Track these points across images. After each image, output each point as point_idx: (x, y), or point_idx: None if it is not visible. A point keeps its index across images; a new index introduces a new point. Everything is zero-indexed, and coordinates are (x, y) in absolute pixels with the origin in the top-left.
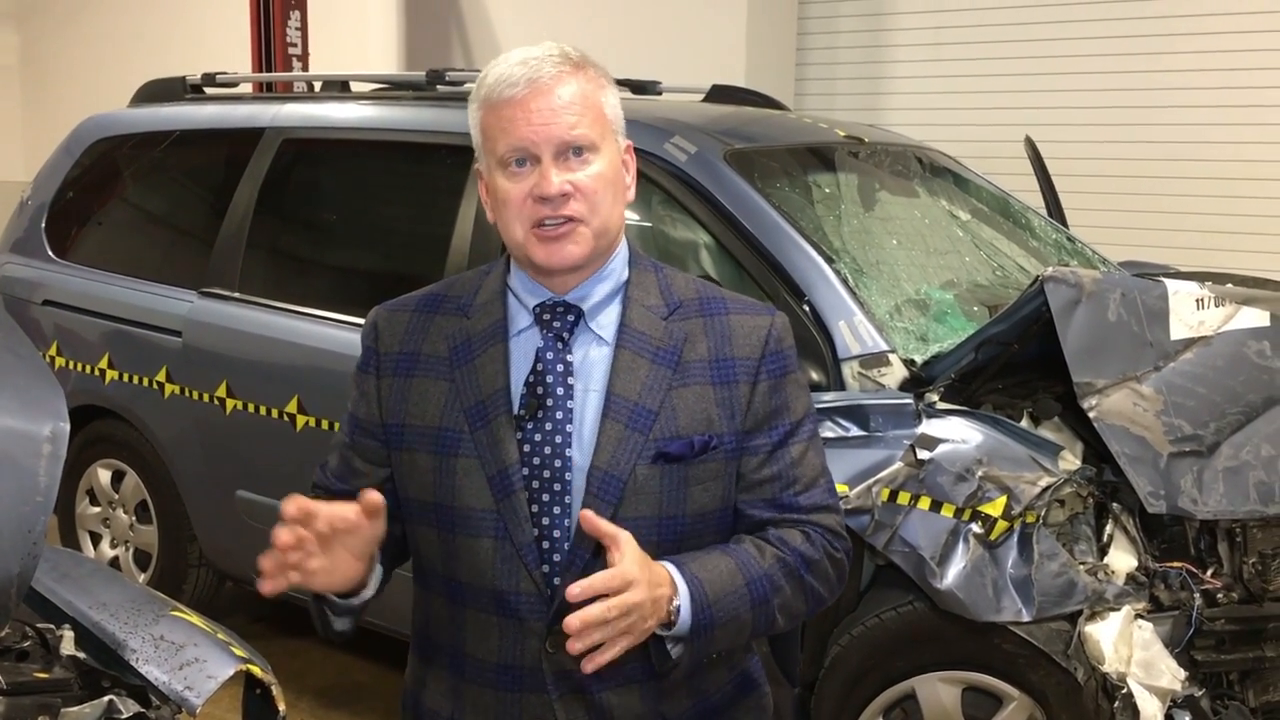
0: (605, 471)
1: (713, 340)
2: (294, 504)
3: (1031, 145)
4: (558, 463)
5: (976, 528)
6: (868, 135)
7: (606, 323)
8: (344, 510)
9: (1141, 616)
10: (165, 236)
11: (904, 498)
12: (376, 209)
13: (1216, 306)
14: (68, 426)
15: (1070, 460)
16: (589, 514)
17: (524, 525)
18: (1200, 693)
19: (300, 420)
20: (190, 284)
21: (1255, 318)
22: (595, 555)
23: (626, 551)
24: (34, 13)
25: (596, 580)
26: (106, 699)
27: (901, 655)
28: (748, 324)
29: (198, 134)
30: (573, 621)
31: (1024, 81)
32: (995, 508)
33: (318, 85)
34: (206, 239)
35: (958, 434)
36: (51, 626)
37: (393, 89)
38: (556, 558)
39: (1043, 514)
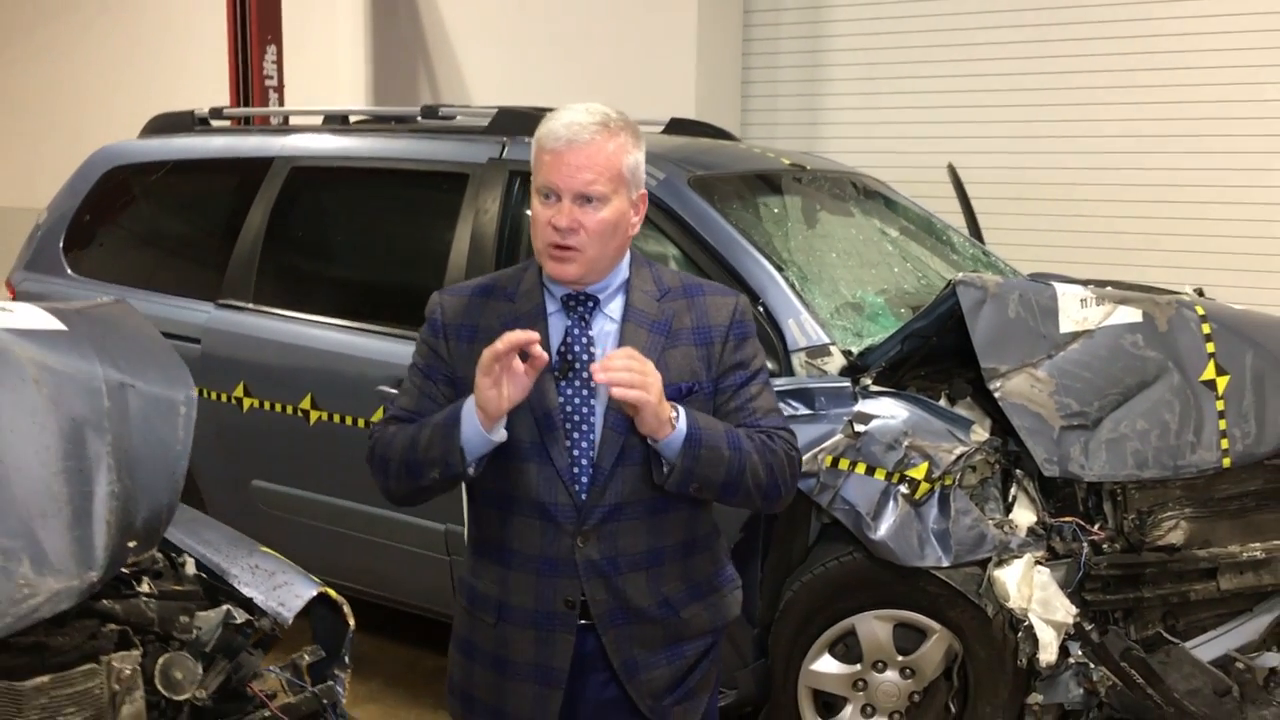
0: (617, 412)
1: (694, 315)
2: (510, 341)
3: (953, 171)
4: (584, 408)
5: (904, 489)
6: (809, 163)
7: (615, 307)
8: (519, 364)
9: (1040, 563)
10: (180, 254)
11: (844, 464)
12: (378, 229)
13: (1098, 305)
14: (195, 394)
15: (980, 433)
16: (599, 368)
17: (561, 453)
18: (1090, 627)
19: (314, 415)
20: (206, 296)
21: (1130, 314)
22: (611, 474)
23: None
24: (7, 45)
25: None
26: (224, 608)
27: (843, 598)
28: (719, 302)
29: (209, 162)
30: (606, 359)
31: (947, 113)
32: (919, 472)
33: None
34: (221, 255)
35: (888, 411)
36: (174, 554)
37: (390, 122)
38: (584, 478)
39: (958, 477)
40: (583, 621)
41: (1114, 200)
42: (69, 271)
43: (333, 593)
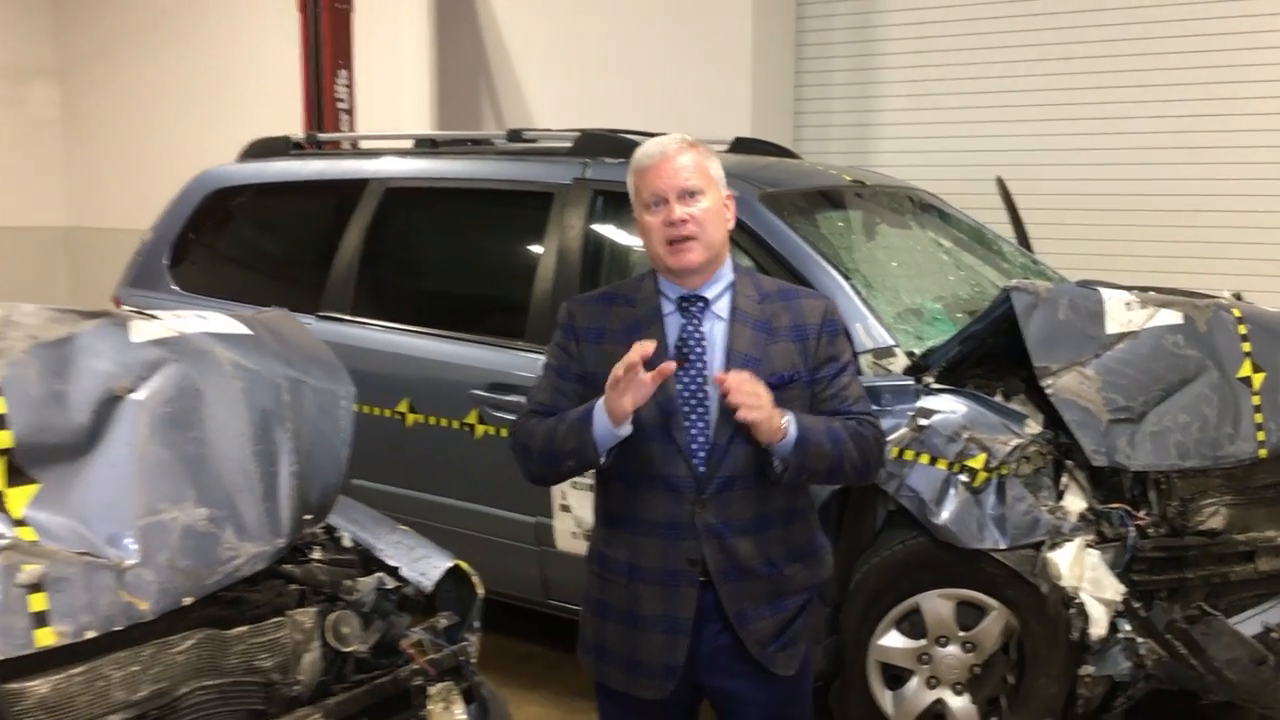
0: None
1: (790, 315)
2: (640, 350)
3: (1001, 184)
4: (700, 394)
5: (964, 478)
6: (868, 179)
7: (722, 307)
8: (644, 374)
9: (1090, 546)
10: (278, 269)
11: (908, 455)
12: (468, 245)
13: (1141, 308)
14: (354, 390)
15: (1034, 427)
16: (721, 374)
17: (681, 433)
18: (1137, 604)
19: (410, 418)
20: (307, 308)
21: (1171, 317)
22: (725, 450)
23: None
24: (75, 68)
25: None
26: (378, 575)
27: (908, 578)
28: (812, 304)
29: (306, 184)
30: (730, 377)
31: (995, 127)
32: (978, 462)
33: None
34: (320, 271)
35: (948, 407)
36: (332, 530)
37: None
38: (701, 454)
39: (1014, 467)
40: (702, 579)
41: (1157, 210)
42: (173, 287)
43: (464, 565)
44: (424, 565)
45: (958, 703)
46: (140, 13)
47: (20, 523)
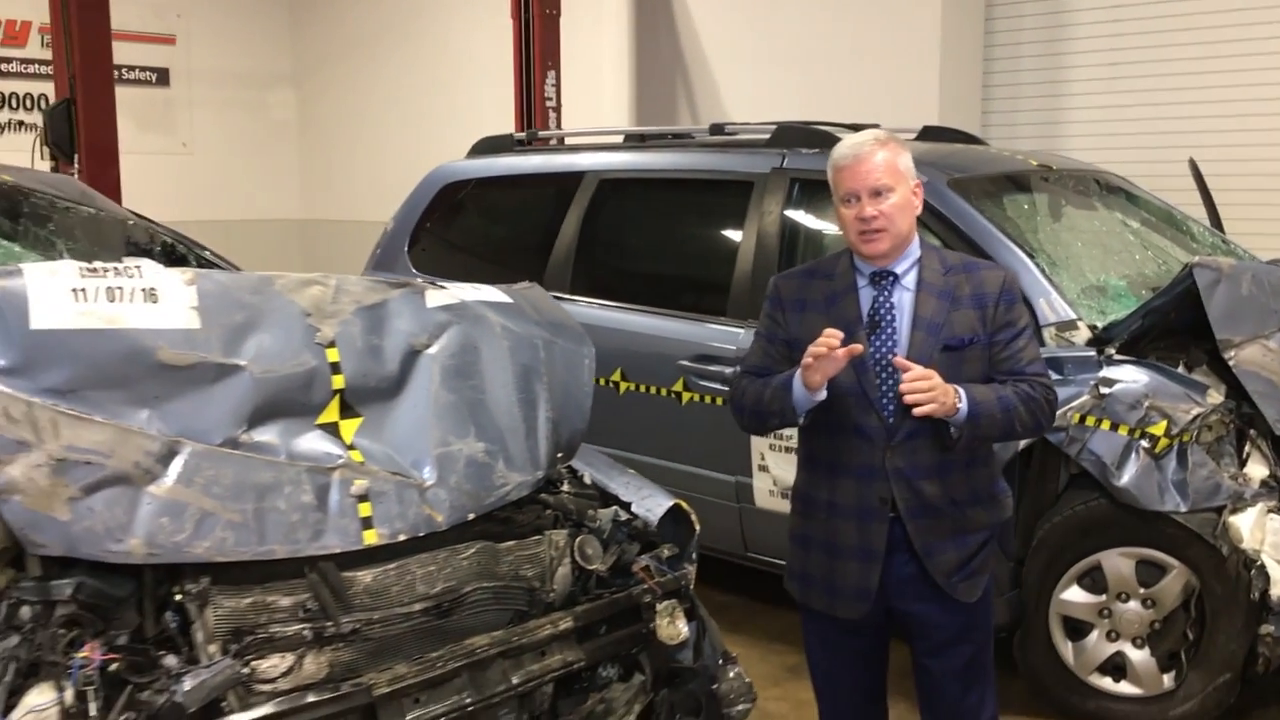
0: (916, 356)
1: (972, 285)
2: (830, 339)
3: (1194, 165)
4: (889, 355)
5: (1145, 443)
6: (1054, 163)
7: (909, 280)
8: (837, 350)
9: (1272, 512)
10: (505, 253)
11: (1090, 421)
12: (675, 229)
13: None
14: (594, 350)
15: (1215, 396)
16: (900, 359)
17: (873, 388)
18: None
19: (623, 386)
20: None
21: None
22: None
23: (929, 370)
24: (310, 74)
25: (914, 367)
26: (614, 508)
27: (1090, 537)
28: (992, 275)
29: (528, 177)
30: (905, 377)
31: (1188, 109)
32: (1159, 429)
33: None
34: (541, 254)
35: (1130, 376)
36: (573, 469)
37: (680, 138)
38: (890, 407)
39: (1195, 435)
40: (892, 515)
41: None
42: (412, 270)
43: (683, 504)
44: (650, 503)
45: (1138, 656)
46: (368, 23)
47: (350, 447)
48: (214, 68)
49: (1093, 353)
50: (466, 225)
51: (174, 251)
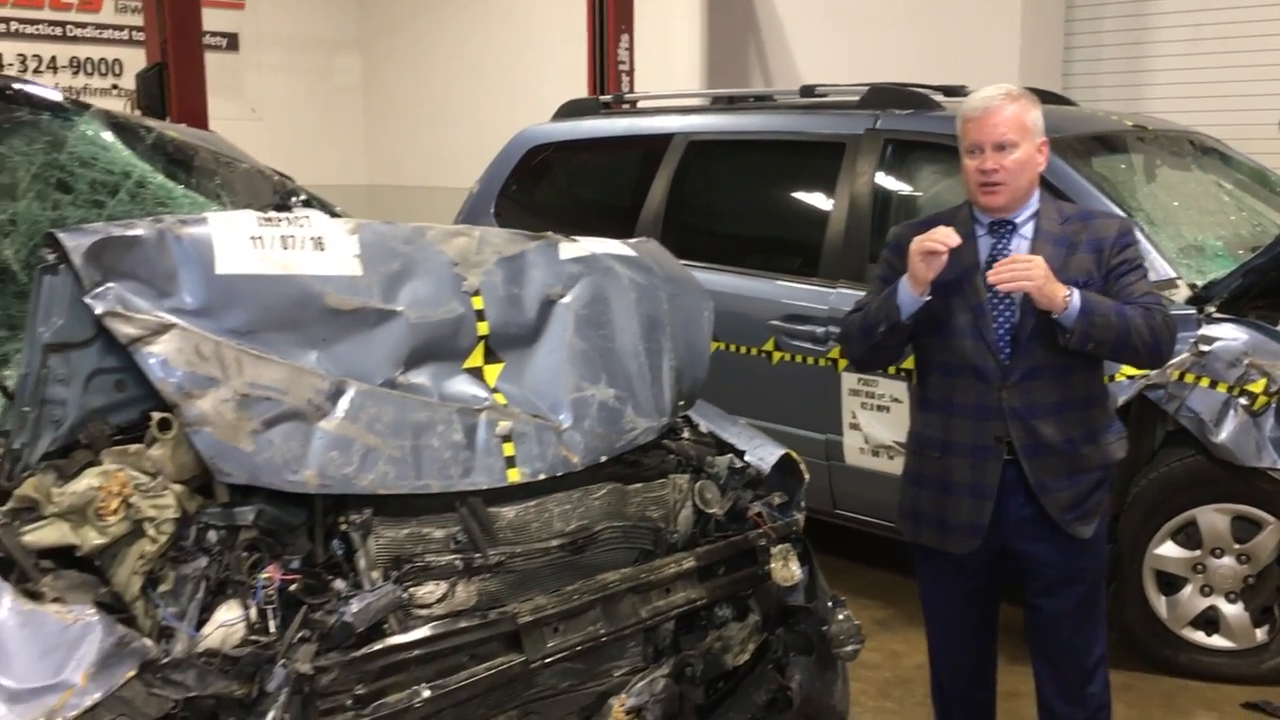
0: (1030, 301)
1: (1088, 232)
2: (943, 235)
3: None
4: (1006, 299)
5: (1243, 401)
6: (1149, 124)
7: (1027, 229)
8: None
9: None
10: (593, 213)
11: (1189, 378)
12: (765, 191)
13: None
14: (713, 304)
15: None
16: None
17: (989, 330)
18: None
19: (713, 345)
20: None
21: None
22: (1026, 345)
23: (1036, 257)
24: (376, 40)
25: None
26: (729, 455)
27: (1185, 493)
28: (1107, 222)
29: (616, 140)
30: (1001, 264)
31: (1275, 70)
32: (1258, 387)
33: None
34: (629, 215)
35: (1230, 335)
36: (689, 418)
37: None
38: (1007, 349)
39: None
40: (1007, 456)
41: None
42: None
43: (793, 454)
44: (762, 452)
45: (1231, 610)
46: None
47: (494, 390)
48: (282, 32)
49: (1193, 311)
50: (551, 187)
51: (309, 206)
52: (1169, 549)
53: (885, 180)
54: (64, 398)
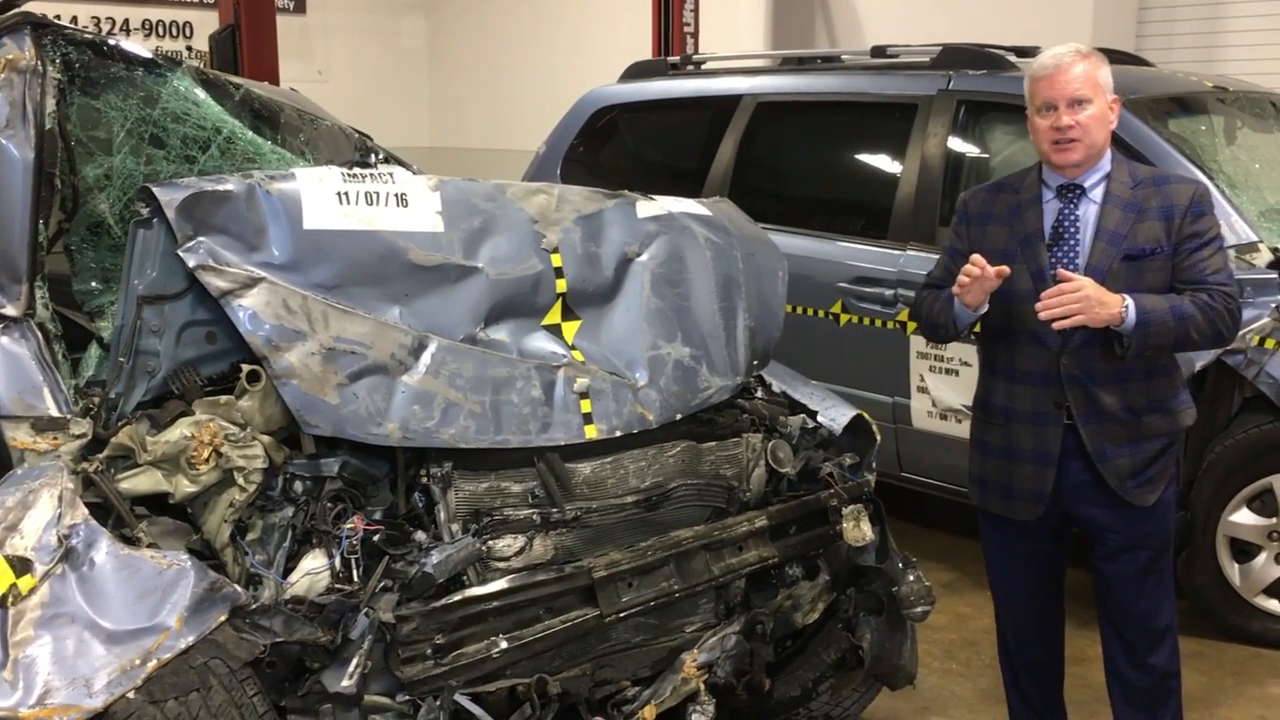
0: (1095, 266)
1: (1160, 198)
2: (978, 265)
3: None
4: (1069, 267)
5: None
6: (1230, 85)
7: (1097, 193)
8: (989, 271)
9: None
10: (660, 175)
11: (1270, 343)
12: (835, 153)
13: None
14: (786, 264)
15: None
16: (1062, 270)
17: None
18: None
19: None
20: None
21: None
22: None
23: (1084, 280)
24: (442, 2)
25: (1064, 282)
26: (802, 415)
27: (1262, 460)
28: (1181, 188)
29: (684, 100)
30: (1048, 295)
31: None
32: None
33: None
34: (697, 176)
35: None
36: (762, 378)
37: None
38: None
39: None
40: (1067, 422)
41: None
42: None
43: (865, 415)
44: (834, 413)
45: None
46: None
47: (572, 347)
48: None
49: (1274, 275)
50: (619, 149)
51: (388, 164)
52: (1244, 516)
53: (957, 142)
54: (157, 349)
